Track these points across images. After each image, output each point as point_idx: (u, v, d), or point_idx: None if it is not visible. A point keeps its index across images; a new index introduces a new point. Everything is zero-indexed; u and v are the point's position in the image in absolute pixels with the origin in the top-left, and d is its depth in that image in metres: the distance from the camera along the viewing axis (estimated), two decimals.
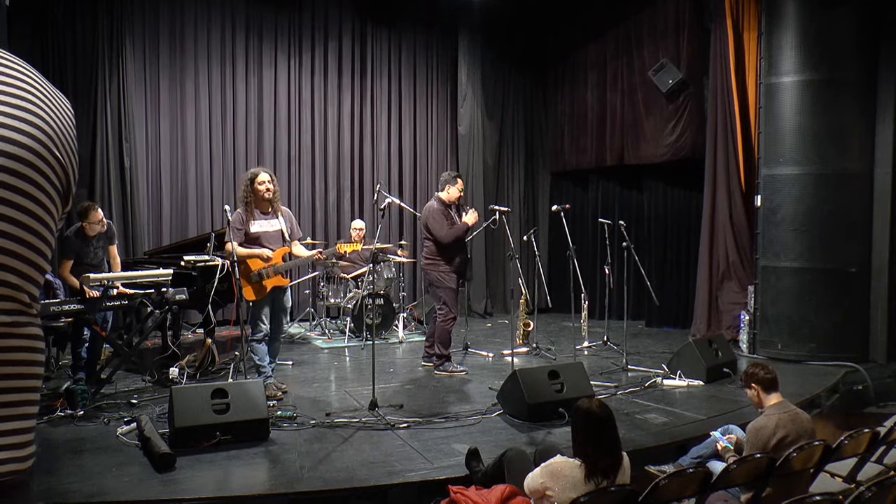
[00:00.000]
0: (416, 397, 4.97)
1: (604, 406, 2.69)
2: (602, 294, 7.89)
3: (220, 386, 4.00)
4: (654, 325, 8.42)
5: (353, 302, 7.20)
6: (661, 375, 5.50)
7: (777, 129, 6.51)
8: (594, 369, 5.78)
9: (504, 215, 6.05)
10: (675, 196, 8.55)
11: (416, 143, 9.45)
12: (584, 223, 9.39)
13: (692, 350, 5.52)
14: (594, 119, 9.12)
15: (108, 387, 4.88)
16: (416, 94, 9.43)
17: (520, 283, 6.74)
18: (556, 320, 8.65)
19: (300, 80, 8.67)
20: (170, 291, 5.07)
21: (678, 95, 8.00)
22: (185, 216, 8.01)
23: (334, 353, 6.74)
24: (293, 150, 8.67)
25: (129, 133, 7.44)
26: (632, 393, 5.11)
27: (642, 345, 7.18)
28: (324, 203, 8.86)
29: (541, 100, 10.00)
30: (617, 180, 9.18)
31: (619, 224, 6.56)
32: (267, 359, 4.89)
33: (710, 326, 7.31)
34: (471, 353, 6.63)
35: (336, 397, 5.01)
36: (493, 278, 9.67)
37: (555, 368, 4.63)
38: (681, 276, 8.39)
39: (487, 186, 9.57)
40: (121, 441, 3.87)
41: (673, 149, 8.10)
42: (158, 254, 6.58)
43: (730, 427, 3.75)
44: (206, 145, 8.10)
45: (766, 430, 3.16)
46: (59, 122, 0.81)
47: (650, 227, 8.76)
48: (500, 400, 4.62)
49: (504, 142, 9.82)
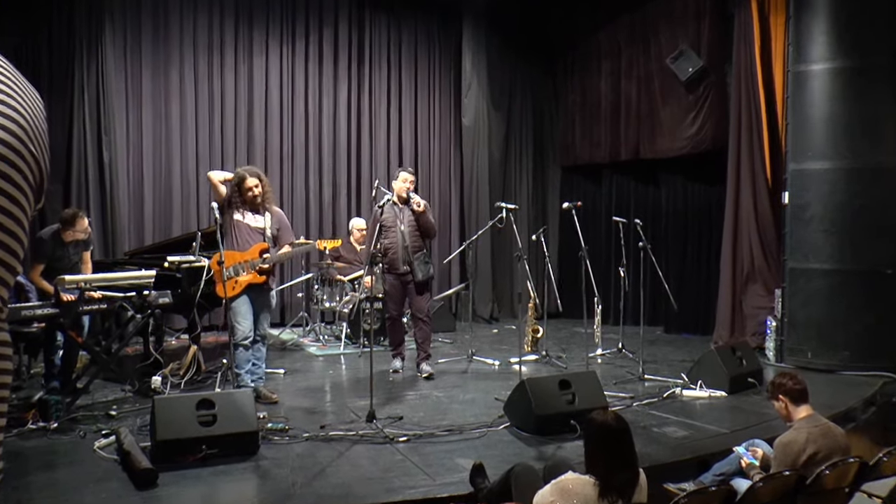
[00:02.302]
0: (417, 408, 4.96)
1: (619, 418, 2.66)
2: (616, 298, 7.86)
3: (206, 396, 3.98)
4: (672, 331, 8.40)
5: (350, 306, 7.18)
6: (680, 385, 5.48)
7: (806, 121, 6.48)
8: (608, 379, 5.76)
9: (511, 213, 6.03)
10: (695, 192, 8.52)
11: (417, 135, 9.44)
12: (597, 221, 9.37)
13: (714, 358, 5.50)
14: (608, 110, 9.10)
15: (84, 397, 4.86)
16: (418, 83, 9.42)
17: (528, 285, 6.73)
18: (567, 326, 8.63)
19: (293, 68, 8.66)
20: (152, 294, 5.05)
21: (698, 84, 7.97)
22: (169, 214, 8.00)
23: (329, 360, 6.72)
24: (285, 144, 8.67)
25: (109, 125, 7.44)
26: (649, 404, 5.09)
27: (660, 352, 7.16)
28: (318, 200, 8.85)
29: (551, 89, 9.98)
30: (632, 175, 9.16)
31: (634, 222, 6.54)
32: (247, 366, 4.87)
33: (733, 333, 7.27)
34: (475, 361, 6.61)
35: (331, 408, 4.99)
36: (500, 281, 9.65)
37: (566, 378, 4.61)
38: (701, 279, 8.35)
39: (493, 182, 9.56)
40: (98, 455, 3.85)
41: (693, 141, 8.07)
42: (140, 254, 6.57)
43: (755, 442, 3.72)
44: (191, 139, 8.10)
45: (796, 445, 3.13)
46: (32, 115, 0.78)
47: (668, 225, 8.74)
48: (507, 412, 4.60)
49: (511, 134, 9.80)
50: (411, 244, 5.78)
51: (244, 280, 4.80)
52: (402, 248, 5.77)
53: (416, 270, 5.78)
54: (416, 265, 5.77)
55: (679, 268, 8.54)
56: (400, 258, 5.78)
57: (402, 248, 5.77)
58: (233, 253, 4.81)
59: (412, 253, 5.78)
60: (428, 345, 6.05)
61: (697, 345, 7.38)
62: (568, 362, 6.47)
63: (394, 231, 5.78)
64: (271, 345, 7.26)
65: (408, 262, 5.78)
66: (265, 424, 4.32)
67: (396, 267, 5.81)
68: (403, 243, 5.76)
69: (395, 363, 6.11)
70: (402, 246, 5.76)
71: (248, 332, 4.83)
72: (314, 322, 7.85)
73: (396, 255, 5.79)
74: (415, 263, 5.77)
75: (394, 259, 5.80)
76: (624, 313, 7.22)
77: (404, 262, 5.78)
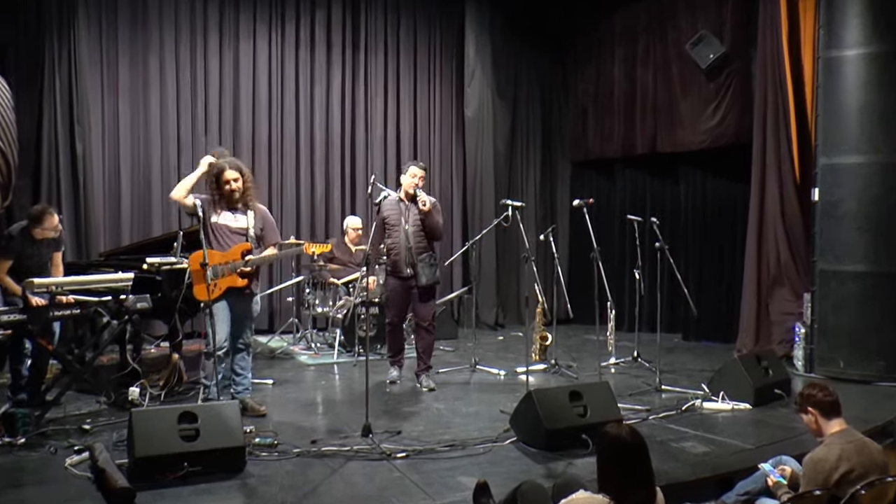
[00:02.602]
0: (417, 422, 4.95)
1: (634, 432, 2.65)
2: (631, 302, 7.83)
3: (188, 409, 3.97)
4: (692, 338, 8.40)
5: (344, 311, 7.18)
6: (700, 397, 5.47)
7: (838, 111, 6.46)
8: (622, 390, 5.75)
9: (517, 211, 6.01)
10: (716, 189, 8.51)
11: (416, 127, 9.44)
12: (611, 220, 9.36)
13: (737, 368, 5.49)
14: (622, 99, 9.10)
15: (54, 410, 4.83)
16: (417, 71, 9.42)
17: (536, 289, 6.72)
18: (577, 333, 8.62)
19: (282, 54, 8.67)
20: (130, 299, 5.04)
21: (720, 72, 7.96)
22: (149, 211, 8.00)
23: (322, 370, 6.72)
24: (274, 136, 8.66)
25: (82, 115, 7.44)
26: (666, 417, 5.08)
27: (678, 361, 7.15)
28: (310, 197, 8.85)
29: (560, 77, 9.98)
30: (648, 170, 9.16)
31: (650, 221, 6.52)
32: (216, 378, 4.84)
33: (758, 340, 7.26)
34: (479, 371, 6.60)
35: (323, 422, 4.99)
36: (505, 284, 9.64)
37: (577, 389, 4.61)
38: (723, 282, 8.35)
39: (499, 177, 9.55)
40: (70, 473, 3.83)
41: (714, 134, 8.06)
42: (117, 255, 6.56)
43: (783, 458, 3.71)
44: (172, 130, 8.10)
45: (827, 462, 3.12)
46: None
47: (687, 224, 8.73)
48: (514, 425, 4.60)
49: (518, 126, 9.80)
50: (415, 245, 5.73)
51: (223, 283, 4.78)
52: (405, 249, 5.73)
53: (419, 274, 5.73)
54: (420, 268, 5.73)
55: (699, 270, 8.53)
56: (403, 260, 5.75)
57: (405, 249, 5.73)
58: (212, 253, 4.78)
59: (416, 255, 5.73)
60: (429, 356, 6.04)
61: (719, 353, 7.37)
62: (579, 372, 6.46)
63: (397, 230, 5.75)
64: (259, 353, 7.26)
65: (411, 265, 5.73)
66: (252, 439, 4.30)
67: (399, 269, 5.78)
68: (407, 244, 5.72)
69: (392, 373, 6.10)
70: (406, 247, 5.72)
71: (222, 343, 4.80)
72: (305, 329, 7.84)
73: (399, 256, 5.75)
74: (419, 266, 5.73)
75: (396, 261, 5.77)
76: (639, 319, 7.21)
77: (408, 265, 5.74)
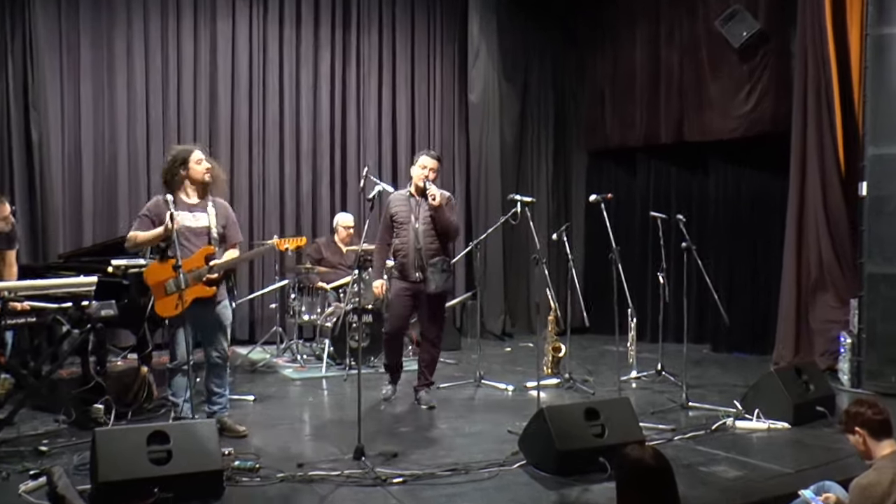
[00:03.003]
0: (415, 443, 4.94)
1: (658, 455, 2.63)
2: (655, 309, 7.82)
3: (158, 428, 3.95)
4: (722, 349, 8.38)
5: (334, 319, 7.16)
6: (732, 415, 5.44)
7: (889, 96, 6.44)
8: (645, 407, 5.74)
9: (527, 207, 5.98)
10: (750, 182, 8.50)
11: (414, 114, 9.44)
12: (632, 217, 9.35)
13: (774, 382, 5.46)
14: (644, 82, 9.09)
15: (7, 429, 4.81)
16: (415, 51, 9.42)
17: (548, 295, 6.70)
18: (594, 343, 8.61)
19: (265, 33, 8.67)
20: (93, 305, 5.02)
21: (755, 52, 7.94)
22: (114, 207, 7.99)
23: (309, 385, 6.72)
24: (256, 125, 8.66)
25: (38, 99, 7.46)
26: (694, 438, 5.06)
27: (708, 375, 7.15)
28: (295, 192, 8.86)
29: (575, 58, 9.98)
30: (674, 161, 9.15)
31: (676, 218, 6.51)
32: (185, 394, 4.82)
33: (798, 351, 7.23)
34: (485, 386, 6.59)
35: (311, 443, 4.98)
36: (513, 289, 9.63)
37: (593, 406, 4.60)
38: (758, 286, 8.33)
39: (506, 170, 9.54)
40: (25, 501, 3.80)
41: (748, 121, 8.04)
42: (78, 256, 6.56)
43: (826, 484, 3.68)
44: (141, 117, 8.10)
45: (877, 488, 3.10)
46: None
47: (718, 221, 8.72)
48: (523, 447, 4.58)
49: (527, 112, 9.79)
50: (426, 246, 5.66)
51: (189, 294, 4.72)
52: (413, 251, 5.66)
53: (429, 280, 5.64)
54: (430, 273, 5.64)
55: (731, 273, 8.50)
56: (411, 263, 5.68)
57: (413, 251, 5.66)
58: (169, 262, 4.69)
59: (427, 257, 5.65)
60: (432, 371, 6.00)
61: (754, 366, 7.35)
62: (596, 387, 6.46)
63: (406, 229, 5.69)
64: (238, 366, 7.26)
65: (420, 269, 5.66)
66: (231, 462, 4.29)
67: (407, 273, 5.71)
68: (416, 245, 5.65)
69: (385, 389, 6.06)
70: (415, 248, 5.65)
71: (185, 357, 4.75)
72: (290, 339, 7.83)
73: (408, 258, 5.69)
74: (429, 271, 5.64)
75: (404, 263, 5.71)
76: (664, 328, 7.18)
77: (416, 268, 5.67)
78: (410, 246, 5.67)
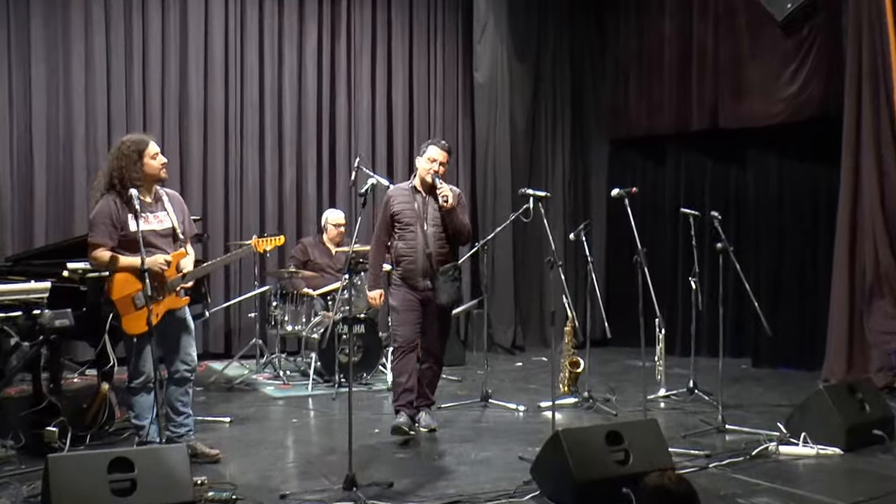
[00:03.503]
0: (413, 471, 4.92)
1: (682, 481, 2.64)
2: (686, 319, 7.81)
3: (121, 454, 3.94)
4: (764, 364, 8.36)
5: (322, 330, 7.15)
6: (776, 439, 5.42)
7: None
8: (675, 430, 5.73)
9: (541, 203, 5.97)
10: (795, 174, 8.50)
11: (412, 97, 9.46)
12: (660, 214, 9.36)
13: (824, 401, 5.42)
14: (674, 61, 9.09)
15: None
16: (413, 26, 9.44)
17: (564, 302, 6.68)
18: (617, 357, 8.61)
19: (242, 4, 8.68)
20: (46, 314, 5.00)
21: (801, 25, 7.93)
22: (70, 205, 7.99)
23: (293, 404, 6.71)
24: (232, 109, 8.67)
25: None
26: (732, 465, 5.03)
27: (747, 393, 7.13)
28: (277, 185, 8.87)
29: (594, 33, 9.97)
30: (707, 151, 9.15)
31: (710, 215, 6.48)
32: (150, 415, 4.81)
33: (851, 367, 7.23)
34: (492, 406, 6.59)
35: (295, 471, 4.97)
36: (525, 296, 9.62)
37: (616, 429, 4.58)
38: (805, 293, 8.33)
39: (516, 160, 9.55)
40: None
41: (793, 104, 8.03)
42: (28, 259, 6.53)
43: None
44: (101, 102, 8.10)
45: None
46: None
47: (758, 219, 8.72)
48: (536, 476, 4.57)
49: (541, 94, 9.80)
50: (436, 251, 5.60)
51: (161, 307, 4.72)
52: (422, 257, 5.59)
53: (439, 290, 5.58)
54: (441, 283, 5.57)
55: (773, 277, 8.50)
56: (419, 270, 5.60)
57: (422, 257, 5.59)
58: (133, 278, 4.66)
59: (438, 264, 5.59)
60: (434, 389, 5.96)
61: (800, 383, 7.35)
62: (619, 408, 6.44)
63: (413, 231, 5.61)
64: (212, 383, 7.26)
65: (430, 277, 5.58)
66: (205, 493, 4.27)
67: (414, 282, 5.63)
68: (426, 249, 5.57)
69: (399, 419, 5.69)
70: (424, 253, 5.58)
71: (151, 372, 4.73)
72: (272, 352, 7.82)
73: (415, 265, 5.61)
74: (440, 280, 5.57)
75: (411, 270, 5.62)
76: (696, 340, 7.16)
77: (425, 276, 5.59)
78: (419, 251, 5.59)
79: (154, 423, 4.81)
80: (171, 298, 4.80)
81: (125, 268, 4.66)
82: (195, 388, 7.11)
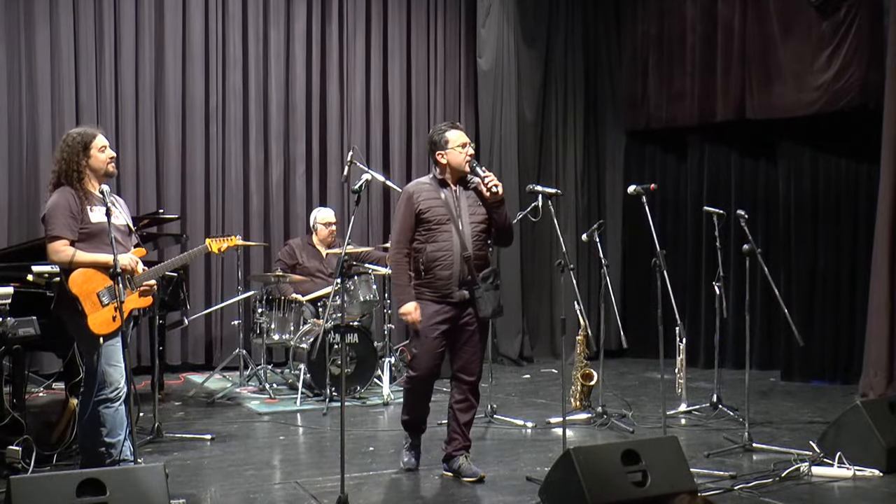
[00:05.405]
0: (410, 493, 4.93)
1: None
2: (710, 327, 7.81)
3: (91, 475, 3.95)
4: (795, 377, 8.35)
5: (311, 339, 7.16)
6: (809, 459, 5.41)
7: None
8: (698, 448, 5.75)
9: (551, 200, 5.97)
10: (830, 170, 8.50)
11: (410, 85, 9.48)
12: (681, 213, 9.38)
13: (862, 418, 5.41)
14: (697, 46, 9.10)
15: None
16: (411, 7, 9.47)
17: (576, 309, 6.70)
18: (634, 369, 8.63)
19: None
20: (8, 322, 5.02)
21: (837, 6, 7.93)
22: (35, 203, 7.93)
23: (280, 421, 6.71)
24: (213, 100, 8.70)
25: None
26: (760, 487, 5.02)
27: (777, 409, 7.13)
28: (263, 181, 8.89)
29: (609, 15, 10.00)
30: (734, 144, 9.16)
31: (737, 214, 6.48)
32: (123, 431, 4.79)
33: (891, 381, 7.21)
34: (497, 422, 6.59)
35: (282, 492, 4.96)
36: (533, 302, 9.64)
37: (633, 447, 4.58)
38: (841, 299, 8.32)
39: (525, 154, 9.58)
40: None
41: (828, 93, 8.03)
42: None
43: None
44: (69, 91, 8.11)
45: None
46: None
47: (789, 219, 8.70)
48: (545, 497, 4.57)
49: (551, 82, 9.82)
50: (475, 254, 5.13)
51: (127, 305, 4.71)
52: (460, 261, 5.09)
53: (480, 301, 5.09)
54: (481, 292, 5.08)
55: (806, 282, 8.48)
56: (455, 277, 5.10)
57: (460, 261, 5.09)
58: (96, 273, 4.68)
59: (476, 269, 5.12)
60: (470, 427, 5.39)
61: (834, 398, 7.36)
62: (636, 424, 6.46)
63: (447, 231, 5.11)
64: (191, 397, 7.27)
65: (468, 286, 5.10)
66: None
67: (448, 292, 5.12)
68: (463, 252, 5.08)
69: (406, 457, 5.41)
70: (462, 257, 5.09)
71: (122, 384, 4.75)
72: (257, 364, 7.83)
73: (451, 270, 5.11)
74: (481, 289, 5.09)
75: (444, 278, 5.11)
76: (721, 351, 7.16)
77: (462, 285, 5.09)
78: (455, 254, 5.09)
79: (128, 440, 4.81)
80: (135, 297, 4.83)
81: (94, 265, 4.67)
82: (173, 402, 7.24)
